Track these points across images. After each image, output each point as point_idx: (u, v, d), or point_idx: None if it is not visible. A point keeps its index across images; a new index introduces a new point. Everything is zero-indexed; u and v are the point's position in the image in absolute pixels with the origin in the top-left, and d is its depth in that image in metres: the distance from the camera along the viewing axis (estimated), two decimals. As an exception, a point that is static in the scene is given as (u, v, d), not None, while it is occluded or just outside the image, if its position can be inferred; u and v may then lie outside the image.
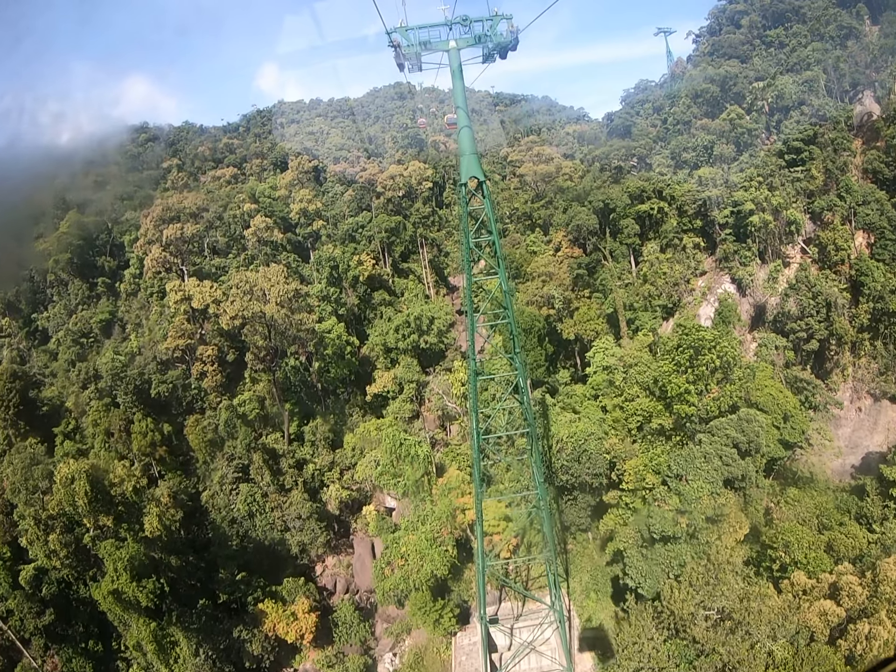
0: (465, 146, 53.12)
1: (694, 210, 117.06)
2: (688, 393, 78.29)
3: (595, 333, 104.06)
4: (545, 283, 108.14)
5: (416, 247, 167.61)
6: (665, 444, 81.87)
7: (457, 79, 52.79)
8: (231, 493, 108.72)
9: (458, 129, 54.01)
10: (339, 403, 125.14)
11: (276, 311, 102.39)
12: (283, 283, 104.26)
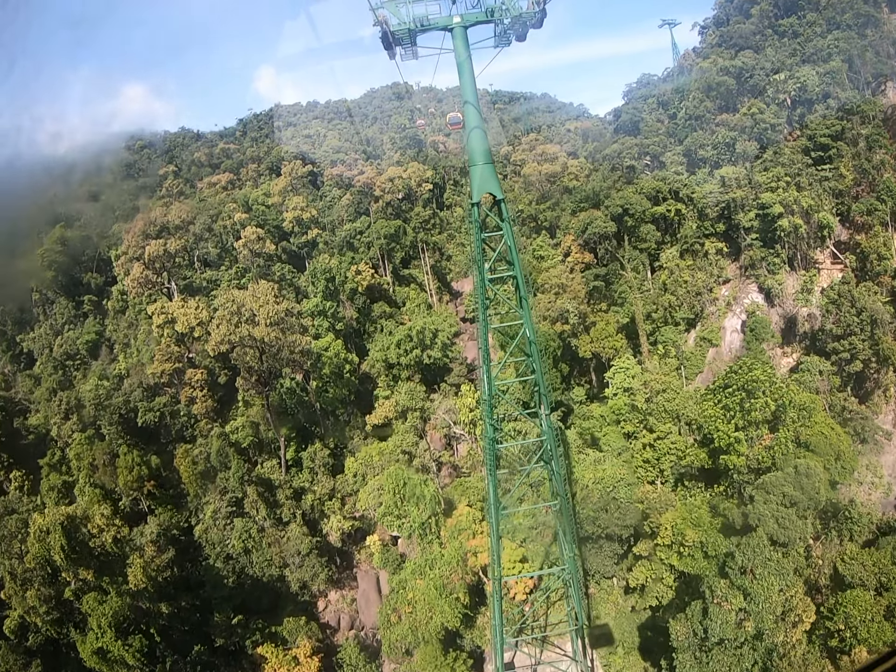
0: (476, 153, 42.01)
1: (716, 213, 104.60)
2: (737, 442, 65.92)
3: (614, 351, 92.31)
4: (558, 296, 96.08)
5: (417, 252, 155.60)
6: (705, 493, 69.81)
7: (464, 66, 41.26)
8: (225, 527, 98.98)
9: (465, 130, 42.80)
10: (340, 425, 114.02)
11: (265, 335, 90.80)
12: (273, 302, 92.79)
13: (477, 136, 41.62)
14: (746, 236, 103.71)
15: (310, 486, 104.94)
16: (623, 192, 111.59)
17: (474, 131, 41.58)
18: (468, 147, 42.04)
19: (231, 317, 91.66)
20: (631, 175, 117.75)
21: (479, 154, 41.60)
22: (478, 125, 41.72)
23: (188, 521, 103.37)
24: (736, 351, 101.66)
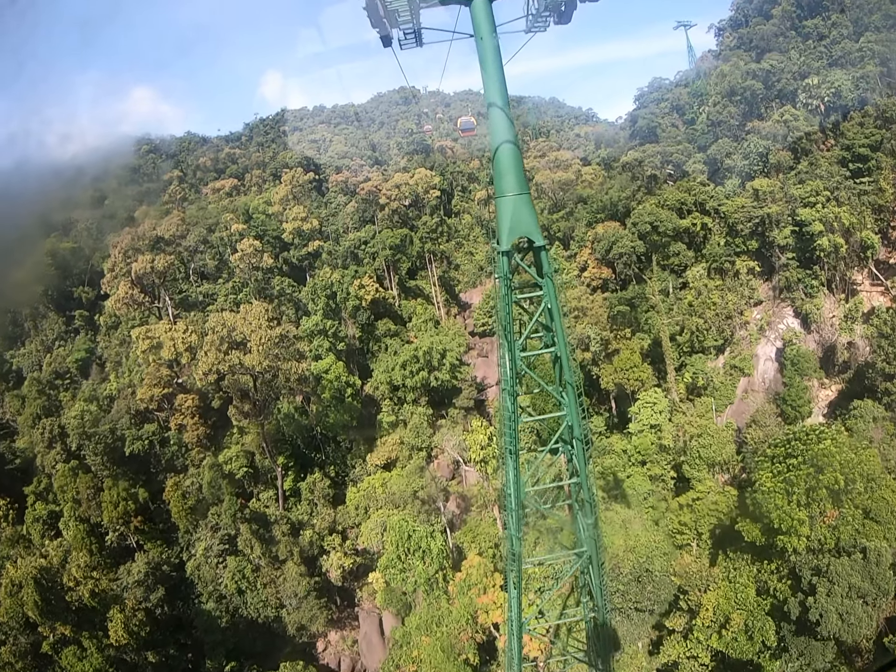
0: (506, 179, 29.03)
1: (749, 229, 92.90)
2: (800, 523, 54.36)
3: (639, 383, 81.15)
4: (578, 320, 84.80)
5: (423, 262, 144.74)
6: (752, 566, 58.59)
7: (488, 54, 28.16)
8: (218, 566, 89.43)
9: (491, 142, 29.29)
10: (341, 452, 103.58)
11: (257, 363, 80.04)
12: (266, 327, 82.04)
13: (508, 154, 28.73)
14: (781, 255, 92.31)
15: (309, 519, 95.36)
16: (645, 203, 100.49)
17: (504, 148, 28.64)
18: (495, 169, 29.27)
19: (220, 343, 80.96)
20: (652, 185, 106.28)
21: (510, 181, 28.83)
22: (508, 138, 28.52)
23: (179, 557, 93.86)
24: (770, 382, 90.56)
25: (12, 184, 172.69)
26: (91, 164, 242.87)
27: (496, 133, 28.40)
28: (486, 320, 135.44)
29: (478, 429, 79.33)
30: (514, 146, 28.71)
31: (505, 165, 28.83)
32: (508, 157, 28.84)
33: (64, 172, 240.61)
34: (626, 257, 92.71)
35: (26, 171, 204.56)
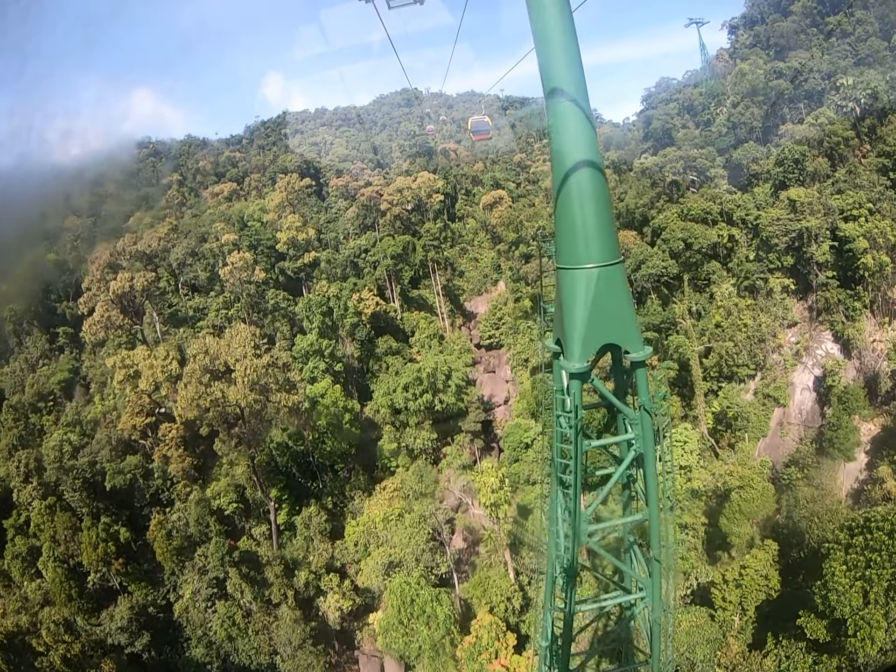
0: (584, 238, 19.00)
1: (785, 244, 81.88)
2: (878, 627, 43.06)
3: (666, 418, 70.58)
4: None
5: (426, 270, 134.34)
6: (808, 657, 47.87)
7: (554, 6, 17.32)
8: (206, 610, 79.60)
9: (562, 168, 18.49)
10: (339, 481, 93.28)
11: (242, 396, 69.61)
12: (252, 354, 71.49)
13: (591, 188, 18.26)
14: (820, 273, 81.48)
15: (304, 556, 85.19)
16: (666, 212, 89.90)
17: (583, 176, 17.99)
18: (560, 219, 18.94)
19: (202, 373, 70.57)
20: (674, 192, 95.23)
21: (593, 241, 18.85)
22: (590, 158, 18.23)
23: (166, 598, 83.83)
24: (807, 414, 79.83)
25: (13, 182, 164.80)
26: (91, 167, 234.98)
27: (567, 147, 17.53)
28: (493, 332, 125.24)
29: (488, 470, 68.85)
30: (600, 172, 17.94)
31: (582, 213, 17.98)
32: (591, 194, 17.78)
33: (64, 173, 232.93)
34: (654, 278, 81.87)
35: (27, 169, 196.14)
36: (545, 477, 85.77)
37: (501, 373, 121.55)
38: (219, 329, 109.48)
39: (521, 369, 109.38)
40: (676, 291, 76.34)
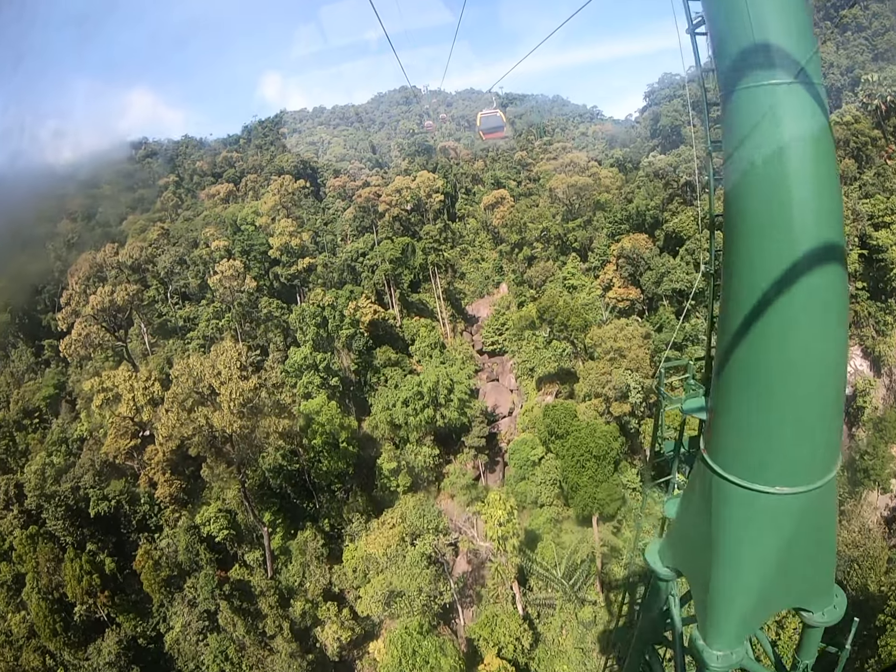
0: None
1: None
2: None
3: None
4: (613, 362, 66.83)
5: (427, 273, 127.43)
6: None
7: None
8: (198, 643, 72.71)
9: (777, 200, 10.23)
10: (336, 503, 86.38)
11: (228, 423, 62.73)
12: (238, 376, 64.56)
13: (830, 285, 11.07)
14: (848, 283, 73.88)
15: (301, 582, 78.61)
16: (681, 216, 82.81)
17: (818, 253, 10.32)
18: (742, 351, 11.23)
19: (185, 398, 63.75)
20: (689, 194, 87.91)
21: (810, 447, 11.49)
22: (828, 172, 10.56)
23: (156, 629, 76.63)
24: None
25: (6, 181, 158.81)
26: (86, 167, 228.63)
27: (797, 167, 10.39)
28: (496, 338, 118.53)
29: (495, 502, 61.87)
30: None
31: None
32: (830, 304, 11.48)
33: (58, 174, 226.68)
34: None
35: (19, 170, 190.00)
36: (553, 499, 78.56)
37: (505, 381, 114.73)
38: (209, 340, 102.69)
39: (525, 378, 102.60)
40: (699, 305, 69.17)
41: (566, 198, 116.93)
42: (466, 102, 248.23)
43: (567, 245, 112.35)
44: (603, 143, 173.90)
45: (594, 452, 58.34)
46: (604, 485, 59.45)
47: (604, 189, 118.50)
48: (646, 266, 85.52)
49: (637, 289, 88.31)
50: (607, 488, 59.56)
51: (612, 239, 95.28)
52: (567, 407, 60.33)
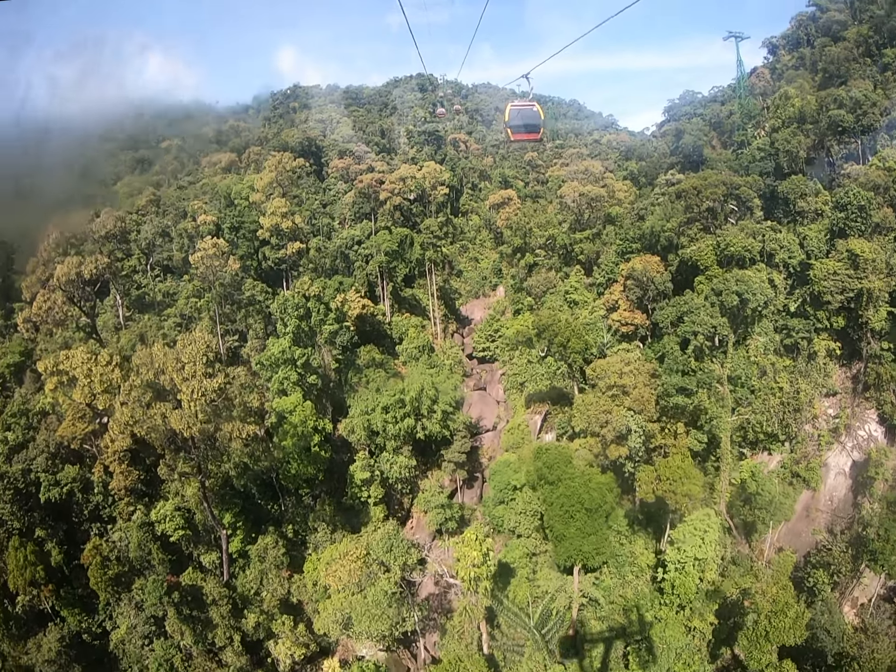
0: None
1: (838, 303, 67.54)
2: None
3: (687, 500, 56.30)
4: (615, 399, 59.39)
5: (423, 269, 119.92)
6: None
7: None
8: (143, 647, 67.96)
9: None
10: (303, 509, 79.55)
11: (186, 426, 55.40)
12: (203, 373, 57.08)
13: None
14: (873, 341, 67.11)
15: (257, 590, 72.43)
16: (700, 244, 75.52)
17: None
18: None
19: (143, 392, 56.33)
20: (710, 221, 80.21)
21: None
22: None
23: (101, 626, 71.13)
24: (839, 502, 65.62)
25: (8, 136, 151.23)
26: (89, 123, 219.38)
27: None
28: (488, 345, 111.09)
29: (470, 542, 54.78)
30: None
31: None
32: None
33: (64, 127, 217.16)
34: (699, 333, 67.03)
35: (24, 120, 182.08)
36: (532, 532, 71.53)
37: (493, 391, 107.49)
38: (187, 319, 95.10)
39: (515, 392, 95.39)
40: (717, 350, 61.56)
41: (576, 206, 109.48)
42: (482, 96, 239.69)
43: (572, 256, 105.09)
44: (616, 153, 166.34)
45: (586, 505, 51.36)
46: (592, 537, 52.53)
47: (616, 202, 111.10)
48: (655, 290, 78.34)
49: (643, 314, 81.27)
50: (595, 541, 52.70)
51: (622, 257, 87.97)
52: (562, 451, 53.30)
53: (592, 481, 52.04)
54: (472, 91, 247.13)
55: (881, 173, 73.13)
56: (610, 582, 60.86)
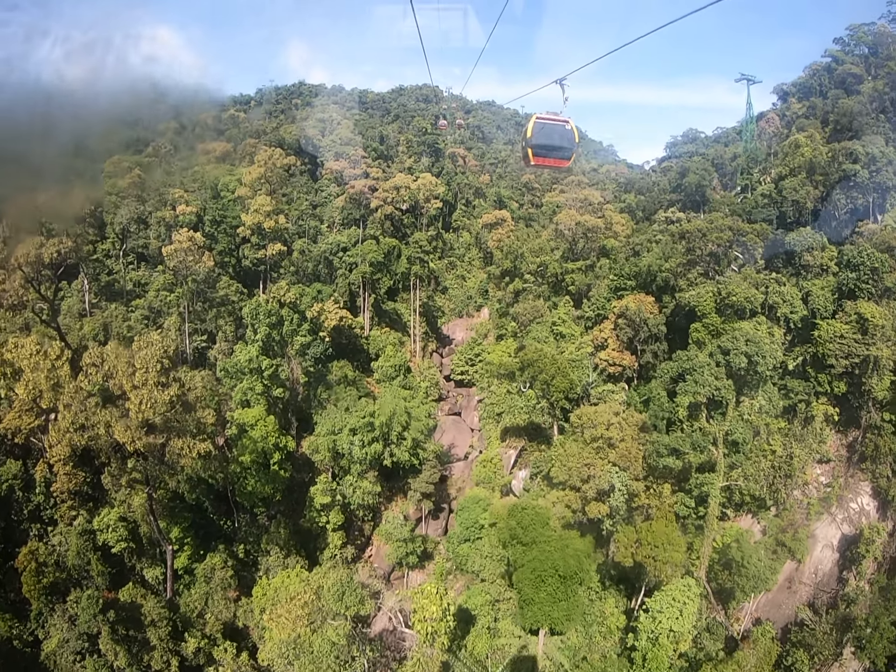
0: None
1: (842, 368, 62.95)
2: None
3: (670, 568, 51.07)
4: (599, 452, 54.09)
5: (408, 283, 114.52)
6: None
7: None
8: (75, 662, 60.90)
9: None
10: (257, 528, 73.45)
11: (130, 440, 49.50)
12: (155, 382, 51.12)
13: None
14: (873, 411, 62.46)
15: (199, 614, 66.21)
16: (699, 289, 70.66)
17: None
18: None
19: (88, 396, 50.39)
20: (713, 267, 75.35)
21: None
22: None
23: (33, 633, 63.67)
24: (824, 576, 60.73)
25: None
26: (91, 96, 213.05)
27: None
28: (466, 368, 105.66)
29: (430, 594, 49.16)
30: None
31: None
32: None
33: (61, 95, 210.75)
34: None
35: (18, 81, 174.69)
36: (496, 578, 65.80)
37: (468, 417, 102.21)
38: (155, 313, 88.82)
39: (490, 423, 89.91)
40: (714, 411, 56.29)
41: (571, 235, 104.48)
42: (485, 113, 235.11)
43: (562, 286, 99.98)
44: (615, 184, 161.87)
45: (560, 571, 46.05)
46: (563, 603, 47.12)
47: (612, 234, 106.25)
48: (647, 332, 73.47)
49: (632, 356, 76.34)
50: (566, 607, 47.27)
51: (615, 293, 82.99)
52: (539, 513, 48.03)
53: (569, 547, 46.80)
54: (476, 107, 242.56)
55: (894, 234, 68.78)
56: (576, 641, 55.58)
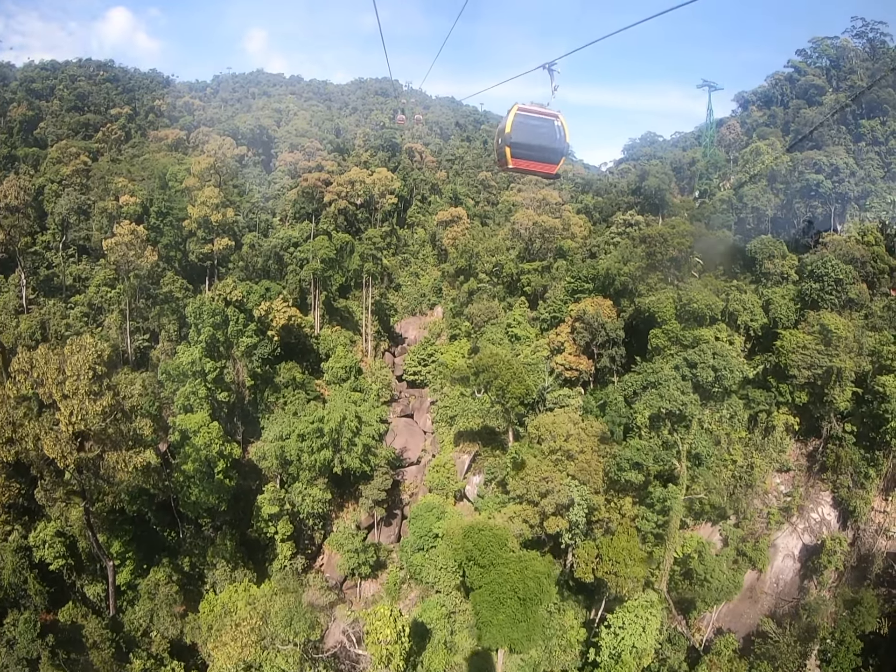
0: None
1: (805, 378, 61.45)
2: None
3: (631, 583, 48.75)
4: (559, 465, 51.51)
5: (360, 280, 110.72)
6: None
7: None
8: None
9: None
10: (202, 539, 69.45)
11: (60, 455, 45.35)
12: (87, 391, 46.90)
13: None
14: (835, 422, 61.09)
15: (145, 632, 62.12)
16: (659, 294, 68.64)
17: None
18: None
19: (15, 406, 46.08)
20: (672, 271, 73.32)
21: None
22: None
23: None
24: (785, 585, 59.50)
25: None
26: (34, 76, 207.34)
27: None
28: (420, 369, 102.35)
29: (383, 616, 46.06)
30: None
31: None
32: None
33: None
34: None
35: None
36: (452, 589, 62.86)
37: (421, 419, 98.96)
38: (96, 310, 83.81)
39: (444, 426, 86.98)
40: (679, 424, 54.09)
41: (528, 235, 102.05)
42: (444, 110, 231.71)
43: (517, 287, 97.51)
44: (571, 184, 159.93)
45: (520, 594, 43.34)
46: (522, 624, 44.45)
47: (570, 235, 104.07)
48: (605, 336, 71.42)
49: (589, 360, 74.26)
50: (526, 628, 44.63)
51: (572, 296, 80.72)
52: (497, 534, 45.18)
53: (529, 569, 44.01)
54: (435, 103, 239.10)
55: (861, 247, 67.68)
56: (536, 655, 53.18)
